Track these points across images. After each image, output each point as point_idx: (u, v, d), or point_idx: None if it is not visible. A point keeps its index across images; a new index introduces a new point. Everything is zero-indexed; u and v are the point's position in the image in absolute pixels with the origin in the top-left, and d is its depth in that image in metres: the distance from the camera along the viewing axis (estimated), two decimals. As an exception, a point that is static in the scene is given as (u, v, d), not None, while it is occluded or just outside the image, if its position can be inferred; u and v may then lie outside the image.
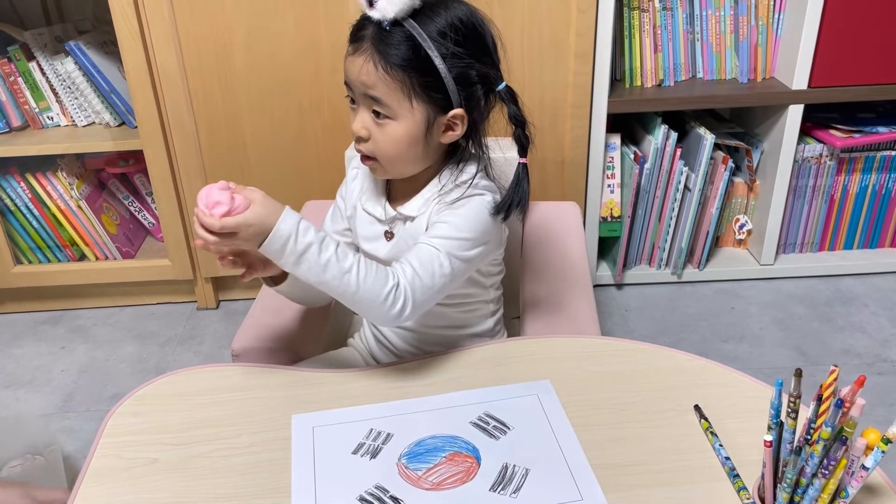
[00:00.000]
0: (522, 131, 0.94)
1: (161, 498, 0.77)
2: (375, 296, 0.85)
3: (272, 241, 0.83)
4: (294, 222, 0.83)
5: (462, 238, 0.92)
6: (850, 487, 0.68)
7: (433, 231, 0.93)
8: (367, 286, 0.85)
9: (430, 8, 0.87)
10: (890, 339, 1.72)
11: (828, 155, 1.85)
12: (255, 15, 1.58)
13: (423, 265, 0.89)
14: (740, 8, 1.74)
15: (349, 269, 0.85)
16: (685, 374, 0.91)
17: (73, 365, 1.74)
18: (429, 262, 0.89)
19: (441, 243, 0.91)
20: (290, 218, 0.83)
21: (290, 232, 0.83)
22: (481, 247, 0.95)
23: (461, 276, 0.94)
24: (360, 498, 0.75)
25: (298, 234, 0.83)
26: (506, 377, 0.91)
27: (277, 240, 0.83)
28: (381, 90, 0.88)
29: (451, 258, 0.91)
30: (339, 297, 0.87)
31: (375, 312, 0.87)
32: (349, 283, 0.85)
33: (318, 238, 0.84)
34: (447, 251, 0.91)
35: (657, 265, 1.94)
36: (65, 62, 1.73)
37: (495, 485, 0.76)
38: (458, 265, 0.92)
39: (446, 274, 0.90)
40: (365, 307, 0.87)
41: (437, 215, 0.94)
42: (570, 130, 1.71)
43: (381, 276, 0.86)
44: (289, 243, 0.83)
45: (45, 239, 1.86)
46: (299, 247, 0.83)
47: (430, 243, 0.91)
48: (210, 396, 0.90)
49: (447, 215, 0.93)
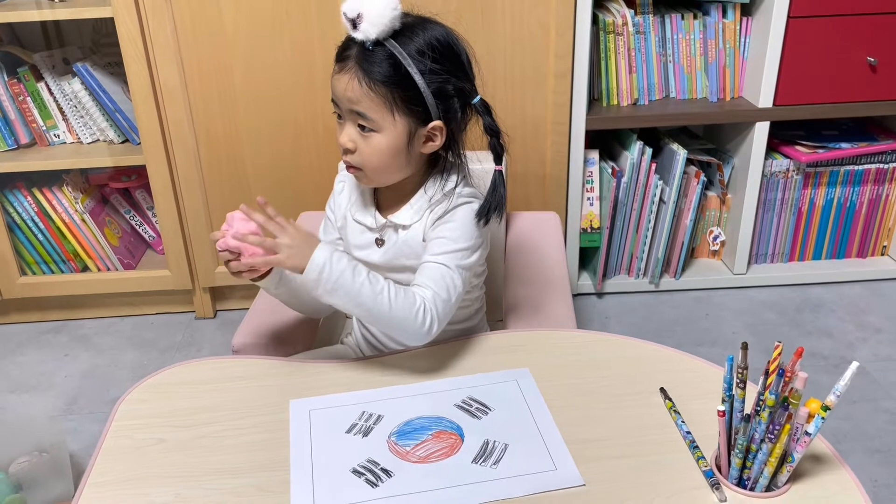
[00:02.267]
0: (497, 140, 1.03)
1: (169, 472, 0.84)
2: (407, 314, 0.94)
3: (309, 271, 0.91)
4: (328, 252, 0.92)
5: (461, 248, 1.00)
6: (795, 453, 0.76)
7: (434, 248, 1.01)
8: (399, 306, 0.93)
9: (410, 28, 0.96)
10: (855, 343, 1.81)
11: (794, 169, 1.95)
12: (254, 37, 1.68)
13: (439, 284, 0.98)
14: (709, 32, 1.85)
15: (381, 291, 0.93)
16: (652, 361, 0.99)
17: (75, 371, 1.81)
18: (442, 279, 0.98)
19: (447, 259, 0.99)
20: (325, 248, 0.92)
21: (324, 260, 0.91)
22: (478, 251, 1.03)
23: (467, 283, 1.03)
24: (353, 470, 0.83)
25: (332, 262, 0.92)
26: (488, 366, 0.99)
27: (313, 269, 0.91)
28: (365, 105, 0.96)
29: (459, 270, 1.00)
30: (374, 318, 0.95)
31: (409, 330, 0.95)
32: (382, 304, 0.93)
33: (350, 265, 0.93)
34: (455, 265, 0.99)
35: (635, 275, 2.03)
36: (72, 82, 1.82)
37: (477, 457, 0.84)
38: (465, 275, 1.01)
39: (458, 286, 0.99)
40: (398, 325, 0.95)
41: (433, 231, 1.02)
42: (550, 146, 1.81)
43: (409, 297, 0.95)
44: (324, 271, 0.91)
45: (49, 251, 1.93)
46: (334, 274, 0.91)
47: (438, 261, 0.99)
48: (213, 385, 0.97)
49: (442, 230, 1.01)
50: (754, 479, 0.77)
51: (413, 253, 1.04)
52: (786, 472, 0.76)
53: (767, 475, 0.76)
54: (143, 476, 0.83)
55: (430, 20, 0.99)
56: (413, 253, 1.04)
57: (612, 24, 1.81)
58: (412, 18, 0.97)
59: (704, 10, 1.86)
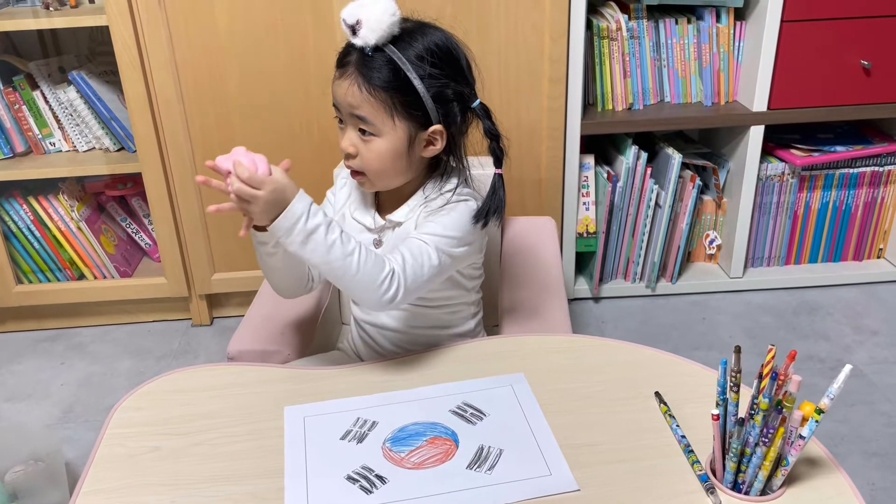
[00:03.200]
0: (497, 144, 1.04)
1: (163, 480, 0.84)
2: (373, 279, 0.93)
3: (285, 218, 0.89)
4: (307, 203, 0.91)
5: (449, 236, 1.00)
6: (789, 456, 0.76)
7: (422, 229, 1.01)
8: (367, 269, 0.92)
9: (409, 34, 0.97)
10: (852, 346, 1.81)
11: (790, 173, 1.96)
12: (248, 44, 1.68)
13: (415, 256, 0.97)
14: (703, 36, 1.86)
15: (352, 252, 0.92)
16: (647, 365, 0.99)
17: (72, 379, 1.80)
18: (419, 253, 0.98)
19: (430, 238, 0.99)
20: (304, 198, 0.91)
21: (302, 211, 0.90)
22: (466, 247, 1.03)
23: (447, 270, 1.03)
24: (347, 477, 0.82)
25: (310, 214, 0.90)
26: (483, 371, 0.99)
27: (290, 217, 0.89)
28: (366, 110, 0.96)
29: (440, 252, 0.99)
30: (338, 278, 0.93)
31: (371, 295, 0.94)
32: (350, 265, 0.92)
33: (325, 220, 0.92)
34: (436, 245, 0.99)
35: (632, 279, 2.03)
36: (67, 91, 1.82)
37: (472, 463, 0.84)
38: (445, 259, 1.00)
39: (434, 265, 0.98)
40: (361, 289, 0.94)
41: (425, 218, 1.03)
42: (546, 151, 1.81)
43: (378, 262, 0.94)
44: (299, 222, 0.90)
45: (45, 260, 1.92)
46: (309, 226, 0.90)
47: (420, 238, 0.99)
48: (207, 392, 0.97)
49: (435, 217, 1.02)
50: (749, 483, 0.77)
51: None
52: (780, 475, 0.76)
53: (762, 479, 0.76)
54: (137, 484, 0.83)
55: (430, 25, 1.00)
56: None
57: (607, 29, 1.81)
58: (411, 24, 0.98)
59: (698, 14, 1.86)
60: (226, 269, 1.92)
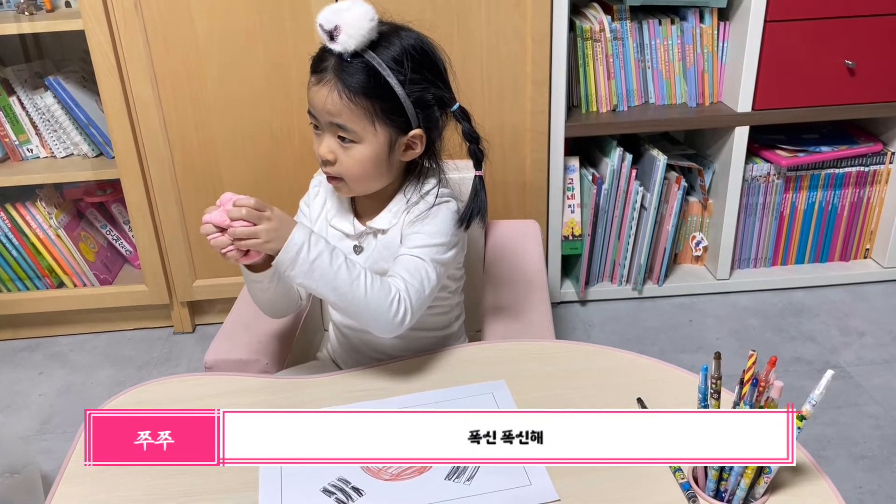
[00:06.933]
0: (476, 146, 1.03)
1: (133, 496, 0.82)
2: (381, 303, 0.91)
3: (286, 250, 0.88)
4: (306, 233, 0.90)
5: (437, 244, 0.99)
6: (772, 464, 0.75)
7: (410, 242, 1.00)
8: (374, 294, 0.91)
9: (385, 38, 0.95)
10: (839, 347, 1.80)
11: (775, 174, 1.95)
12: (227, 49, 1.66)
13: (413, 275, 0.96)
14: (686, 37, 1.85)
15: (357, 276, 0.91)
16: (629, 371, 0.98)
17: (50, 389, 1.77)
18: (416, 271, 0.96)
19: (422, 252, 0.98)
20: (303, 228, 0.90)
21: (303, 240, 0.89)
22: (454, 249, 1.02)
23: (442, 280, 1.02)
24: (323, 489, 0.81)
25: (311, 243, 0.89)
26: (464, 379, 0.97)
27: (291, 248, 0.88)
28: (346, 117, 0.95)
29: (434, 264, 0.98)
30: (347, 304, 0.92)
31: (381, 320, 0.93)
32: (358, 289, 0.90)
33: (328, 247, 0.91)
34: (430, 259, 0.98)
35: (618, 282, 2.02)
36: (44, 96, 1.80)
37: (450, 474, 0.82)
38: (440, 269, 0.99)
39: (433, 280, 0.98)
40: (372, 313, 0.92)
41: (410, 227, 1.01)
42: (530, 154, 1.80)
43: (384, 286, 0.93)
44: (302, 251, 0.88)
45: (24, 268, 1.89)
46: (312, 255, 0.89)
47: (413, 254, 0.98)
48: (184, 403, 0.95)
49: (420, 226, 1.00)
50: (731, 492, 0.76)
51: (392, 255, 1.02)
52: (763, 483, 0.75)
53: (744, 487, 0.75)
54: (106, 500, 0.81)
55: (404, 28, 0.98)
56: (392, 255, 1.02)
57: (590, 31, 1.80)
58: (386, 27, 0.96)
59: (682, 15, 1.86)
60: (207, 276, 1.89)
